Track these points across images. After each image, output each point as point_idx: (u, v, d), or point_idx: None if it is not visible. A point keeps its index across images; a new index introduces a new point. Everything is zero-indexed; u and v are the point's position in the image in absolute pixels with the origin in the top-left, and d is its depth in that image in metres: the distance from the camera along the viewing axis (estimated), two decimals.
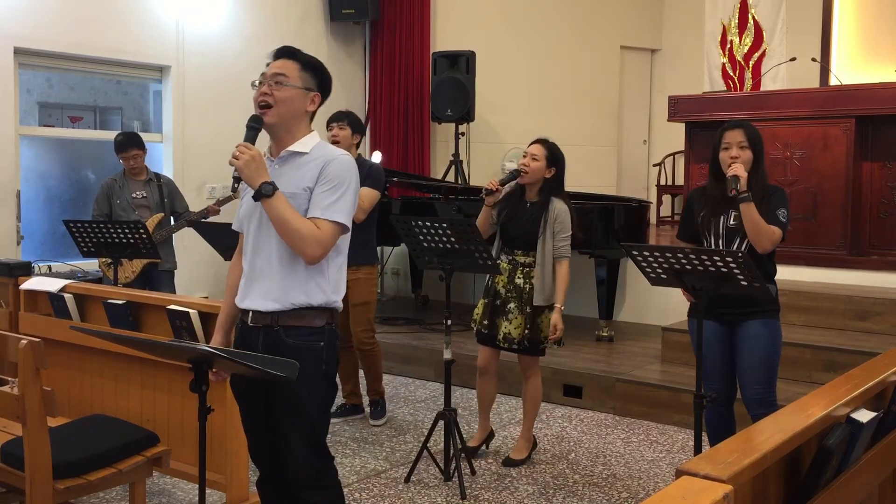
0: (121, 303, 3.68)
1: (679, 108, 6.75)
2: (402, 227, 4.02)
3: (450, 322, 4.07)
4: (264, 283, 2.58)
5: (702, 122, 6.59)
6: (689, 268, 3.20)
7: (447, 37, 8.50)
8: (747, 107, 6.39)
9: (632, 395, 5.20)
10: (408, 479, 4.08)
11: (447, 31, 8.57)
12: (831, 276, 6.02)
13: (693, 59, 9.22)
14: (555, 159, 4.20)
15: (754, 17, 8.75)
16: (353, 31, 8.58)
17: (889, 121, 5.94)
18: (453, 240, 3.89)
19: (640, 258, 3.31)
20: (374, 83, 8.64)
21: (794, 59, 7.98)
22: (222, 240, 4.74)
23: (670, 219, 9.48)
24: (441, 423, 4.11)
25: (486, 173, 8.20)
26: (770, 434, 1.64)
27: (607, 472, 4.26)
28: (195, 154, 7.02)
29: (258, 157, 2.48)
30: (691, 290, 3.29)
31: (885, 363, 2.26)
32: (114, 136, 5.59)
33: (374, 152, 7.90)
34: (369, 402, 5.05)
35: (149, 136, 6.79)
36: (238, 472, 3.41)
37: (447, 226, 3.87)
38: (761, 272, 3.25)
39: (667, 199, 9.59)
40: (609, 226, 6.19)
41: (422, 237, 3.97)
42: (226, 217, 5.41)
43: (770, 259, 3.54)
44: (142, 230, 4.68)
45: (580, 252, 6.06)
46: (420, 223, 3.94)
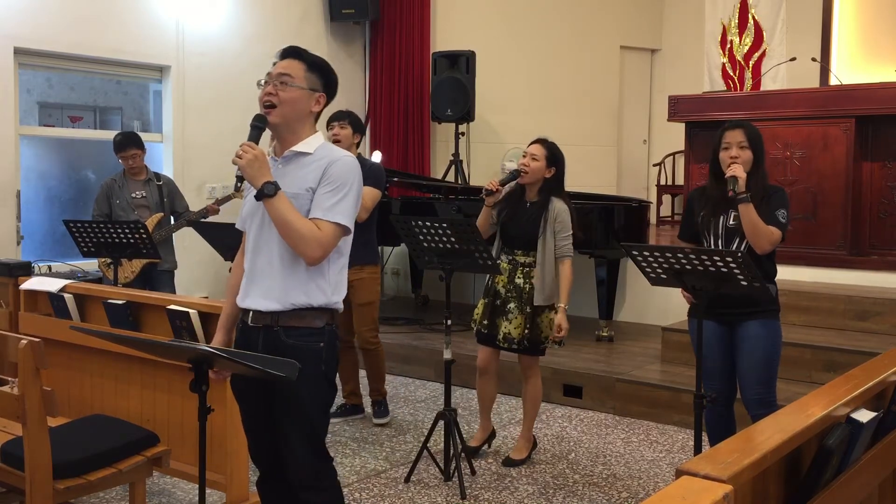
0: (121, 303, 3.68)
1: (679, 108, 6.75)
2: (402, 227, 4.02)
3: (450, 322, 4.07)
4: (265, 283, 2.58)
5: (702, 122, 6.59)
6: (689, 268, 3.20)
7: (447, 37, 8.50)
8: (747, 107, 6.38)
9: (632, 395, 5.21)
10: (408, 479, 4.08)
11: (447, 31, 8.57)
12: (831, 276, 6.02)
13: (693, 59, 9.22)
14: (554, 159, 4.20)
15: (754, 17, 8.75)
16: (353, 31, 8.57)
17: (889, 121, 5.94)
18: (453, 240, 3.89)
19: (640, 258, 3.31)
20: (374, 83, 8.63)
21: (794, 59, 7.98)
22: (222, 240, 4.74)
23: (670, 219, 9.48)
24: (441, 423, 4.12)
25: (486, 173, 8.20)
26: (770, 434, 1.64)
27: (607, 472, 4.26)
28: (195, 154, 7.02)
29: (261, 156, 2.48)
30: (691, 290, 3.29)
31: (885, 363, 2.26)
32: (113, 136, 5.59)
33: (374, 152, 7.90)
34: (372, 403, 5.05)
35: (149, 136, 6.79)
36: (238, 472, 3.41)
37: (447, 226, 3.87)
38: (761, 272, 3.25)
39: (667, 199, 9.59)
40: (609, 226, 6.19)
41: (422, 237, 3.97)
42: (225, 217, 5.41)
43: (770, 259, 3.53)
44: (142, 230, 4.68)
45: (580, 252, 6.04)
46: (420, 223, 3.94)
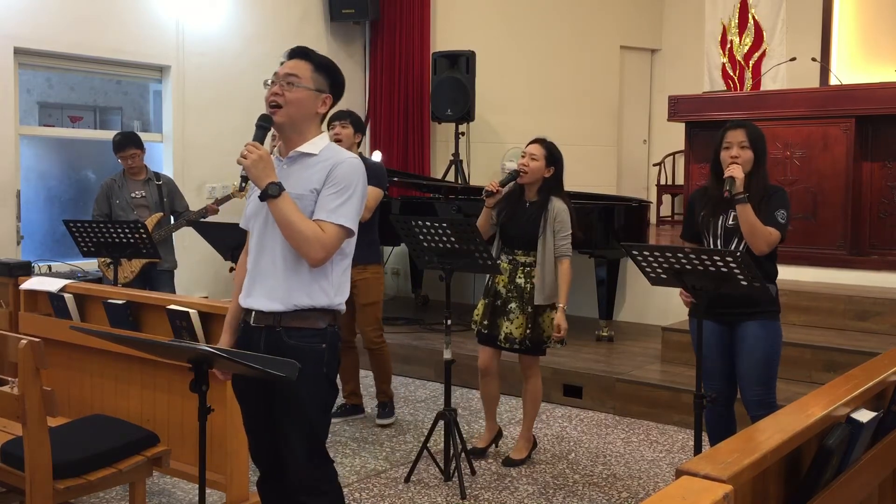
0: (121, 303, 3.68)
1: (679, 107, 6.75)
2: (402, 227, 4.02)
3: (450, 322, 4.07)
4: (268, 283, 2.57)
5: (702, 121, 6.59)
6: (689, 268, 3.20)
7: (447, 37, 8.50)
8: (747, 107, 6.38)
9: (632, 395, 5.20)
10: (408, 479, 4.08)
11: (447, 31, 8.57)
12: (831, 276, 6.02)
13: (693, 59, 9.22)
14: (553, 158, 4.20)
15: (754, 17, 8.75)
16: (353, 31, 8.58)
17: (889, 121, 5.94)
18: (453, 240, 3.89)
19: (640, 258, 3.31)
20: (374, 83, 8.63)
21: (794, 59, 7.98)
22: (222, 239, 4.74)
23: (670, 219, 9.48)
24: (441, 423, 4.12)
25: (486, 173, 8.21)
26: (770, 434, 1.64)
27: (607, 472, 4.26)
28: (195, 154, 7.02)
29: (266, 156, 2.48)
30: (691, 290, 3.29)
31: (885, 363, 2.26)
32: (113, 136, 5.59)
33: (374, 152, 7.90)
34: (378, 404, 5.04)
35: (149, 135, 6.79)
36: (238, 472, 3.41)
37: (447, 226, 3.87)
38: (762, 273, 3.25)
39: (667, 198, 9.59)
40: (609, 226, 6.19)
41: (422, 237, 3.97)
42: (225, 217, 5.42)
43: (771, 260, 3.53)
44: (142, 230, 4.68)
45: (580, 252, 6.05)
46: (420, 223, 3.93)
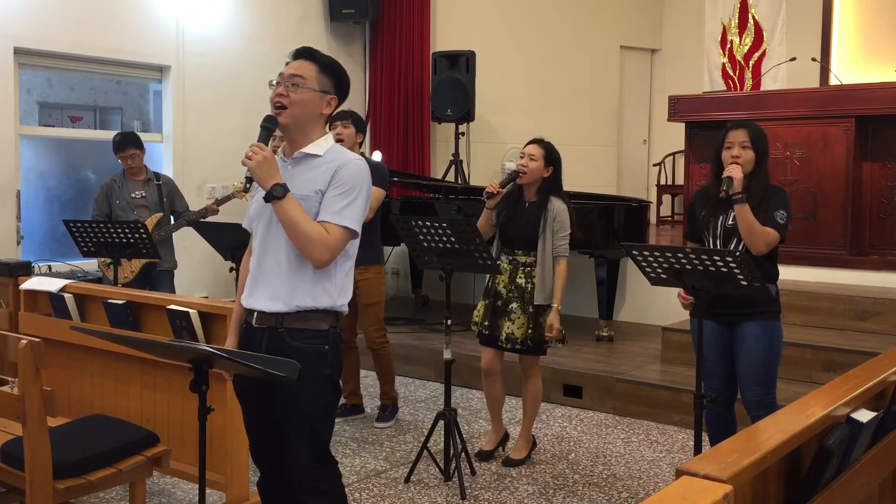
0: (121, 303, 3.68)
1: (679, 107, 6.75)
2: (402, 227, 4.02)
3: (450, 322, 4.07)
4: (271, 284, 2.57)
5: (702, 121, 6.59)
6: (689, 268, 3.20)
7: (447, 37, 8.50)
8: (747, 107, 6.38)
9: (632, 395, 5.20)
10: (408, 479, 4.09)
11: (447, 31, 8.57)
12: (831, 276, 6.02)
13: (693, 59, 9.22)
14: (552, 158, 4.20)
15: (754, 17, 8.75)
16: (353, 31, 8.58)
17: (889, 121, 5.94)
18: (453, 240, 3.89)
19: (640, 258, 3.31)
20: (374, 83, 8.63)
21: (794, 59, 7.98)
22: (222, 240, 4.74)
23: (670, 219, 9.48)
24: (441, 423, 4.12)
25: (486, 173, 8.21)
26: (770, 434, 1.64)
27: (607, 472, 4.26)
28: (195, 154, 7.02)
29: (271, 157, 2.48)
30: (691, 290, 3.29)
31: (885, 363, 2.26)
32: (113, 136, 5.59)
33: (374, 152, 7.90)
34: (380, 406, 5.04)
35: (149, 136, 6.79)
36: (238, 472, 3.41)
37: (447, 226, 3.87)
38: (762, 273, 3.24)
39: (667, 198, 9.59)
40: (609, 226, 6.19)
41: (422, 237, 3.97)
42: (225, 217, 5.41)
43: (771, 261, 3.52)
44: (142, 230, 4.68)
45: (580, 252, 6.06)
46: (420, 223, 3.93)
